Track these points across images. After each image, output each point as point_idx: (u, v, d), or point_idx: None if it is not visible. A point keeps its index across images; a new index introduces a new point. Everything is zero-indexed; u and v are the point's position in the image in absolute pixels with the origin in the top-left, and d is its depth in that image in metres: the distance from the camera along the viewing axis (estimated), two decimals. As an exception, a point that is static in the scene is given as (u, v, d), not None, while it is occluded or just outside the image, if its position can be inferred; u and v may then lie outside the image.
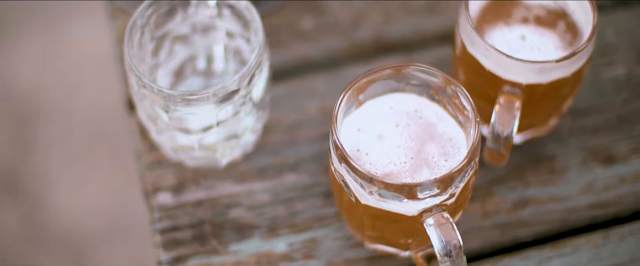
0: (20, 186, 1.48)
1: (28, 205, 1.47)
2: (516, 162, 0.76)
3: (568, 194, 0.74)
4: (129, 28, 0.69)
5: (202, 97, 0.67)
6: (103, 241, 1.44)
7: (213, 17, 0.73)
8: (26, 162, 1.50)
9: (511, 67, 0.68)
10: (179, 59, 0.76)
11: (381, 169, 0.66)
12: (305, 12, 0.83)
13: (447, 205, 0.65)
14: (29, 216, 1.46)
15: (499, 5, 0.72)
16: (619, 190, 0.75)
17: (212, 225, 0.73)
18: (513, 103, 0.69)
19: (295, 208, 0.74)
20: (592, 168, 0.75)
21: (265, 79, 0.70)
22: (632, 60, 0.80)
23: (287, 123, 0.78)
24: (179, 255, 0.72)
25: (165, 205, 0.74)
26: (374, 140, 0.67)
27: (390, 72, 0.68)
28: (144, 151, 0.76)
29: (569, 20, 0.72)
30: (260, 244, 0.72)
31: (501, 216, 0.74)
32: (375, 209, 0.65)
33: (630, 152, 0.76)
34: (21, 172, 1.49)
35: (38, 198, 1.48)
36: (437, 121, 0.68)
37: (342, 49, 0.82)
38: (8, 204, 1.46)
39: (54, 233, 1.45)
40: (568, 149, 0.76)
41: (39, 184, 1.48)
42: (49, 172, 1.50)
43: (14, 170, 1.49)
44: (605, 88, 0.79)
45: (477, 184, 0.75)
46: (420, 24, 0.83)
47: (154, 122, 0.70)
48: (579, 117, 0.78)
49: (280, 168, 0.76)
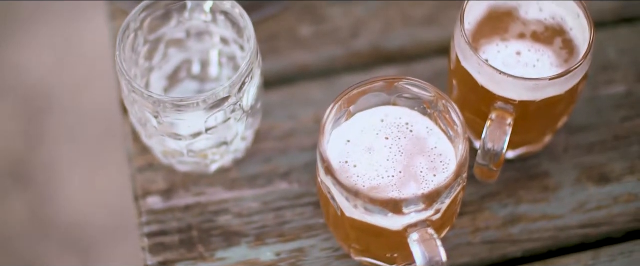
0: (28, 177, 1.49)
1: (35, 197, 1.47)
2: (508, 178, 0.75)
3: (560, 212, 0.74)
4: (122, 31, 0.69)
5: (191, 103, 0.67)
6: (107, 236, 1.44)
7: (207, 22, 0.72)
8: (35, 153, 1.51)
9: (504, 83, 0.67)
10: (173, 63, 0.75)
11: (368, 182, 0.66)
12: (304, 19, 0.83)
13: (433, 220, 0.64)
14: (36, 208, 1.47)
15: (496, 20, 0.72)
16: (612, 209, 0.74)
17: (199, 230, 0.73)
18: (505, 119, 0.68)
19: (284, 217, 0.74)
20: (585, 186, 0.75)
21: (257, 86, 0.70)
22: (631, 78, 0.79)
23: (280, 131, 0.77)
24: (165, 260, 0.72)
25: (154, 208, 0.74)
26: (363, 152, 0.67)
27: (382, 84, 0.67)
28: (135, 153, 0.76)
29: (565, 37, 0.71)
30: (247, 252, 0.72)
31: (491, 232, 0.73)
32: (360, 222, 0.64)
33: (624, 172, 0.75)
34: (30, 164, 1.50)
35: (45, 190, 1.48)
36: (428, 135, 0.68)
37: (339, 58, 0.81)
38: (15, 195, 1.47)
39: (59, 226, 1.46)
40: (562, 166, 0.76)
41: (46, 176, 1.49)
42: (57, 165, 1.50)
43: (23, 161, 1.50)
44: (603, 106, 0.78)
45: (468, 199, 0.74)
46: (420, 35, 0.82)
47: (143, 126, 0.70)
48: (575, 134, 0.77)
49: (271, 176, 0.75)
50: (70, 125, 1.53)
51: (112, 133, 1.50)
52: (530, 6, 0.72)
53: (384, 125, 0.68)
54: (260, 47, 0.81)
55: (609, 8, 0.83)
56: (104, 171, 1.49)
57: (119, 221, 1.45)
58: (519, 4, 0.72)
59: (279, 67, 0.81)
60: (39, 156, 1.51)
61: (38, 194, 1.48)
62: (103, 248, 1.44)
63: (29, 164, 1.50)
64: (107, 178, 1.49)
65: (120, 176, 1.47)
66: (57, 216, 1.47)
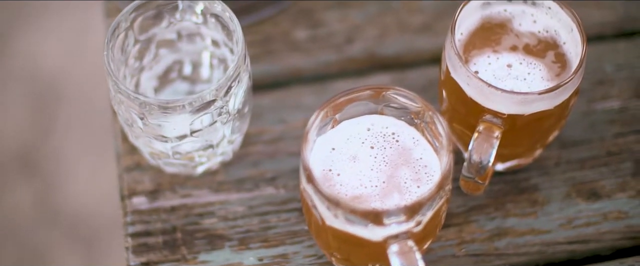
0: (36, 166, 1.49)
1: (42, 186, 1.48)
2: (498, 191, 0.74)
3: (548, 227, 0.73)
4: (111, 30, 0.69)
5: (177, 106, 0.66)
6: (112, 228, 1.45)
7: (199, 24, 0.72)
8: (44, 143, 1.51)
9: (492, 96, 0.67)
10: (164, 63, 0.75)
11: (351, 191, 0.65)
12: (300, 23, 0.82)
13: (414, 232, 0.64)
14: (42, 197, 1.47)
15: (489, 31, 0.71)
16: (601, 227, 0.73)
17: (183, 233, 0.73)
18: (492, 132, 0.67)
19: (269, 223, 0.73)
20: (575, 202, 0.74)
21: (245, 90, 0.70)
22: (628, 94, 0.78)
23: (269, 135, 0.77)
24: (148, 261, 0.72)
25: (139, 209, 0.74)
26: (347, 161, 0.67)
27: (369, 93, 0.67)
28: (124, 153, 0.76)
29: (559, 51, 0.70)
30: (230, 256, 0.72)
31: (477, 245, 0.72)
32: (341, 232, 0.64)
33: (615, 189, 0.74)
34: (39, 153, 1.50)
35: (53, 180, 1.49)
36: (414, 146, 0.67)
37: (333, 63, 0.81)
38: (23, 183, 1.48)
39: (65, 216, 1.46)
40: (552, 181, 0.75)
41: (55, 166, 1.50)
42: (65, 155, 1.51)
43: (31, 151, 1.50)
44: (597, 121, 0.77)
45: (456, 211, 0.73)
46: (415, 43, 0.82)
47: (130, 126, 0.70)
48: (567, 148, 0.76)
49: (258, 181, 0.75)
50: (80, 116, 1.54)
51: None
52: (524, 18, 0.71)
53: (370, 134, 0.68)
54: (255, 50, 0.81)
55: (610, 21, 0.82)
56: (111, 162, 1.49)
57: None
58: (513, 16, 0.71)
59: (273, 70, 0.80)
60: (48, 146, 1.51)
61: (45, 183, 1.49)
62: (107, 239, 1.44)
63: (37, 154, 1.51)
64: (114, 169, 1.49)
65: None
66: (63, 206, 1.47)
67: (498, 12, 0.71)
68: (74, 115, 1.54)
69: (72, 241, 1.44)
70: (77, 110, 1.54)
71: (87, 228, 1.46)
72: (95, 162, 1.50)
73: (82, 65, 1.56)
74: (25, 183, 1.48)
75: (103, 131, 1.51)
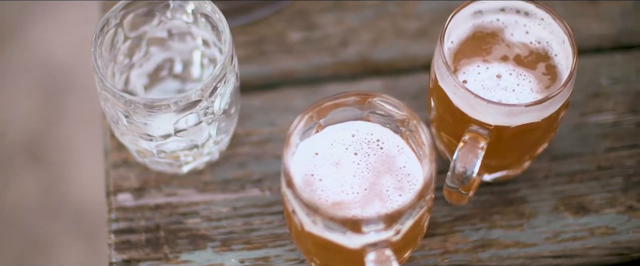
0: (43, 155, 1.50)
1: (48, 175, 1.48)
2: (484, 201, 0.74)
3: (533, 240, 0.72)
4: (100, 27, 0.69)
5: (162, 105, 0.66)
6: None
7: (189, 23, 0.72)
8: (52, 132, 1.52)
9: (479, 107, 0.66)
10: (154, 61, 0.75)
11: (332, 197, 0.65)
12: (295, 24, 0.82)
13: (393, 241, 0.63)
14: (49, 187, 1.48)
15: (481, 40, 0.70)
16: (588, 242, 0.72)
17: (167, 231, 0.73)
18: (478, 142, 0.66)
19: (253, 225, 0.73)
20: (562, 216, 0.73)
21: (231, 91, 0.69)
22: (622, 108, 0.77)
23: (258, 137, 0.77)
24: (129, 258, 0.72)
25: (124, 205, 0.74)
26: (330, 166, 0.66)
27: (355, 99, 0.66)
28: (112, 149, 0.76)
29: (550, 63, 0.69)
30: (212, 257, 0.72)
31: (460, 255, 0.72)
32: (319, 238, 0.64)
33: (604, 204, 0.73)
34: (46, 142, 1.51)
35: (60, 169, 1.49)
36: (398, 154, 0.67)
37: (326, 66, 0.80)
38: (30, 171, 1.48)
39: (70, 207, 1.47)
40: (541, 193, 0.74)
41: (62, 156, 1.50)
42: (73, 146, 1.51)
43: (39, 140, 1.51)
44: (590, 134, 0.76)
45: (441, 220, 0.73)
46: (410, 49, 0.81)
47: (116, 124, 0.70)
48: (557, 161, 0.75)
49: (243, 182, 0.75)
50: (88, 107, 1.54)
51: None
52: (517, 28, 0.70)
53: (355, 141, 0.67)
54: (248, 50, 0.81)
55: (609, 34, 0.81)
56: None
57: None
58: (506, 26, 0.70)
59: (264, 71, 0.80)
60: (55, 136, 1.52)
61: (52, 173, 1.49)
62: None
63: (45, 143, 1.51)
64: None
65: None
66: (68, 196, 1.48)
67: (490, 21, 0.71)
68: (83, 107, 1.54)
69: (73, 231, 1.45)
70: (85, 101, 1.54)
71: (91, 220, 1.46)
72: (101, 154, 1.50)
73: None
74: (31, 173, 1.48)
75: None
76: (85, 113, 1.53)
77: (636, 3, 0.82)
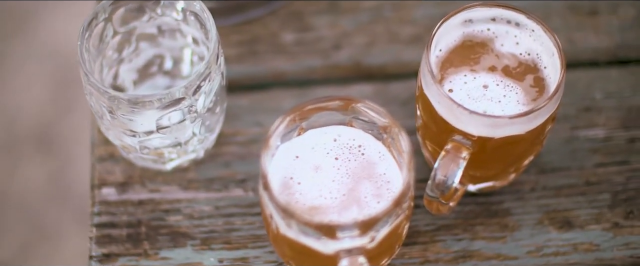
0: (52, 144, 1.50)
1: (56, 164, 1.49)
2: (468, 212, 0.73)
3: (515, 253, 0.71)
4: (87, 20, 0.69)
5: (145, 102, 0.66)
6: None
7: (179, 21, 0.72)
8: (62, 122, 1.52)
9: (462, 117, 0.65)
10: (144, 57, 0.75)
11: (310, 201, 0.64)
12: (289, 25, 0.81)
13: (368, 248, 0.63)
14: (56, 176, 1.48)
15: (470, 49, 0.69)
16: (570, 257, 0.71)
17: (148, 227, 0.72)
18: (460, 152, 0.66)
19: (234, 225, 0.73)
20: (546, 230, 0.72)
21: (216, 90, 0.69)
22: (614, 123, 0.77)
23: (244, 137, 0.76)
24: (110, 252, 0.72)
25: (107, 200, 0.74)
26: (310, 170, 0.66)
27: (338, 103, 0.66)
28: (99, 143, 0.76)
29: (539, 75, 0.68)
30: (191, 255, 0.71)
31: (440, 265, 0.71)
32: (295, 242, 0.63)
33: (589, 220, 0.73)
34: (55, 131, 1.51)
35: (68, 159, 1.50)
36: (379, 160, 0.66)
37: (318, 69, 0.80)
38: (39, 160, 1.49)
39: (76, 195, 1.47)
40: (526, 206, 0.73)
41: (70, 146, 1.50)
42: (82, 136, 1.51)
43: (49, 129, 1.52)
44: (580, 149, 0.76)
45: (423, 229, 0.72)
46: (403, 54, 0.80)
47: (100, 118, 0.70)
48: (545, 174, 0.74)
49: (227, 182, 0.74)
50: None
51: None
52: (507, 39, 0.70)
53: (336, 145, 0.67)
54: (240, 50, 0.80)
55: (605, 47, 0.80)
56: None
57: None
58: (496, 36, 0.70)
59: (255, 71, 0.79)
60: (65, 124, 1.52)
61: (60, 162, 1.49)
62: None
63: (54, 132, 1.52)
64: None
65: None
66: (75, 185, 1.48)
67: (481, 30, 0.70)
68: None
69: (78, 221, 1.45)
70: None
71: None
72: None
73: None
74: (40, 161, 1.49)
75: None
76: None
77: (635, 18, 0.81)
